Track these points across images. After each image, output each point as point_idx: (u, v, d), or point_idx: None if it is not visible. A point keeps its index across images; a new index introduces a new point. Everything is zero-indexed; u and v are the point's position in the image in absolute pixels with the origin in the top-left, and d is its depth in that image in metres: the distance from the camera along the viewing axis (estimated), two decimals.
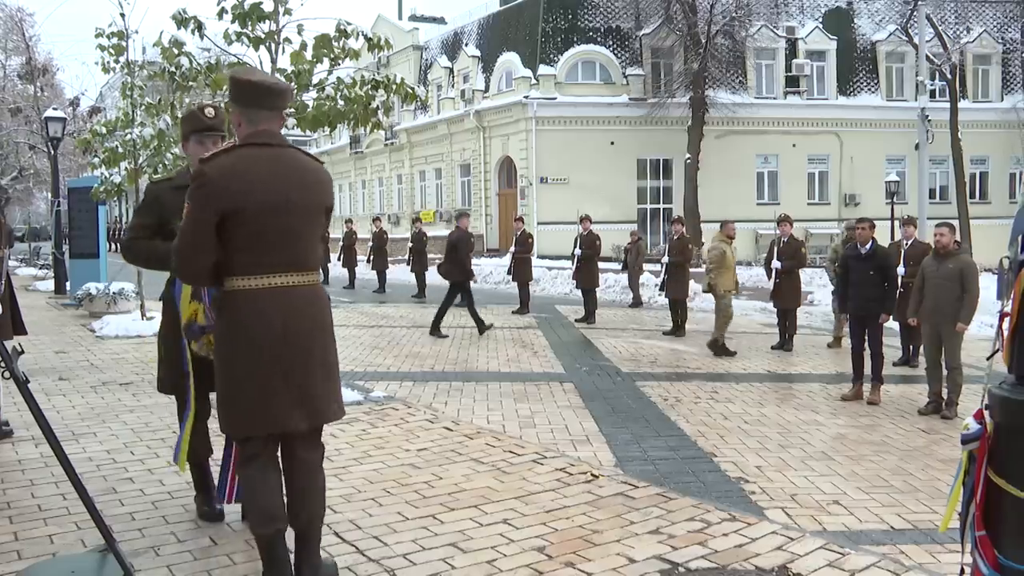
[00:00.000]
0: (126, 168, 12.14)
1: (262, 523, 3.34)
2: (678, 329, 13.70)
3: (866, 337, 8.81)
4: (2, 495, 4.81)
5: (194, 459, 4.36)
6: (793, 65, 34.99)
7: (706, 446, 6.71)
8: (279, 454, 3.48)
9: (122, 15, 10.95)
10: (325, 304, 3.50)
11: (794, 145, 34.73)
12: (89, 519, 3.32)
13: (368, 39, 7.99)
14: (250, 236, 3.25)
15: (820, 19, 36.21)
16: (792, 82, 35.14)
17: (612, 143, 32.93)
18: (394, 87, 8.16)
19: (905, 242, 10.85)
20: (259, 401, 3.29)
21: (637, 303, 18.57)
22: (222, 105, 7.68)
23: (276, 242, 3.29)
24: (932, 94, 29.38)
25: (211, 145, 4.31)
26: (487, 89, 35.89)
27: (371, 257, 21.75)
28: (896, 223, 20.12)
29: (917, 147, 22.28)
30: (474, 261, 20.44)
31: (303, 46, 7.80)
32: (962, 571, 2.74)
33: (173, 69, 7.85)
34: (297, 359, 3.32)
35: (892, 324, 9.95)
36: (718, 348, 11.58)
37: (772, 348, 12.34)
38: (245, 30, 7.60)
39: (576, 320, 15.16)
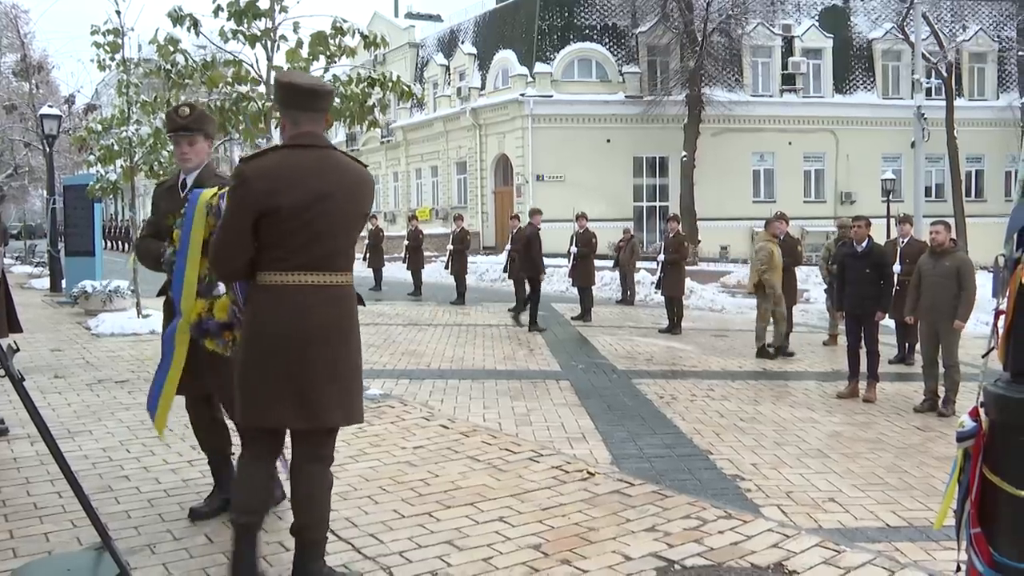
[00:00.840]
0: (122, 166, 12.11)
1: (234, 511, 3.50)
2: (674, 327, 13.69)
3: (862, 335, 8.83)
4: None
5: (218, 451, 4.49)
6: (789, 63, 35.04)
7: (702, 444, 6.71)
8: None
9: (118, 12, 10.92)
10: (349, 307, 3.44)
11: (790, 143, 34.78)
12: (85, 517, 3.31)
13: (364, 37, 7.98)
14: (283, 234, 3.27)
15: (816, 17, 36.25)
16: (788, 80, 35.20)
17: (608, 141, 32.96)
18: (390, 85, 8.15)
19: (901, 240, 10.87)
20: (256, 394, 3.32)
21: (628, 301, 18.58)
22: (218, 103, 7.74)
23: (307, 242, 3.29)
24: (928, 92, 29.46)
25: (186, 145, 4.30)
26: (483, 87, 35.89)
27: (367, 255, 21.74)
28: (892, 221, 20.14)
29: (913, 145, 22.32)
30: (471, 259, 20.59)
31: (299, 44, 7.79)
32: (958, 568, 2.75)
33: (169, 67, 7.83)
34: (299, 357, 3.29)
35: (888, 322, 9.97)
36: (779, 350, 11.40)
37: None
38: (241, 27, 7.58)
39: (572, 318, 15.16)
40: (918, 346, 9.62)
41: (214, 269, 3.54)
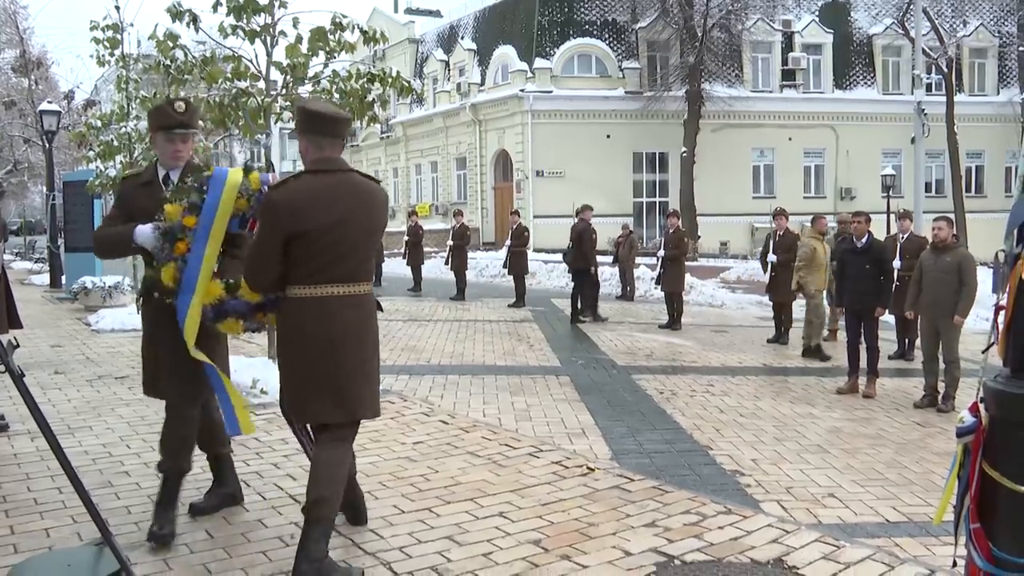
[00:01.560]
0: (121, 162, 12.10)
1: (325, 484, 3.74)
2: (674, 323, 13.70)
3: (862, 330, 8.83)
4: None
5: (207, 448, 4.39)
6: (789, 59, 35.00)
7: (702, 439, 6.72)
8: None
9: (117, 8, 10.90)
10: (369, 311, 3.82)
11: (790, 139, 34.76)
12: (85, 513, 3.31)
13: (364, 32, 7.96)
14: (312, 254, 3.62)
15: (816, 12, 36.21)
16: (788, 75, 35.16)
17: (608, 136, 32.93)
18: (390, 80, 8.14)
19: (901, 236, 10.87)
20: (299, 394, 3.70)
21: (628, 297, 18.58)
22: (218, 99, 7.73)
23: (334, 259, 3.65)
24: (928, 88, 29.42)
25: (180, 142, 4.13)
26: (483, 82, 35.85)
27: None
28: (892, 217, 20.14)
29: (913, 141, 22.28)
30: (471, 255, 20.59)
31: (299, 39, 7.77)
32: (955, 563, 2.76)
33: (168, 62, 7.81)
34: (331, 358, 3.65)
35: (888, 317, 9.97)
36: (813, 352, 11.06)
37: (768, 341, 12.36)
38: (240, 23, 7.57)
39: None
40: (918, 342, 9.62)
41: (249, 282, 3.79)
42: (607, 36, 34.09)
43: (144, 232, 3.96)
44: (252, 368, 7.30)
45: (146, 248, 3.99)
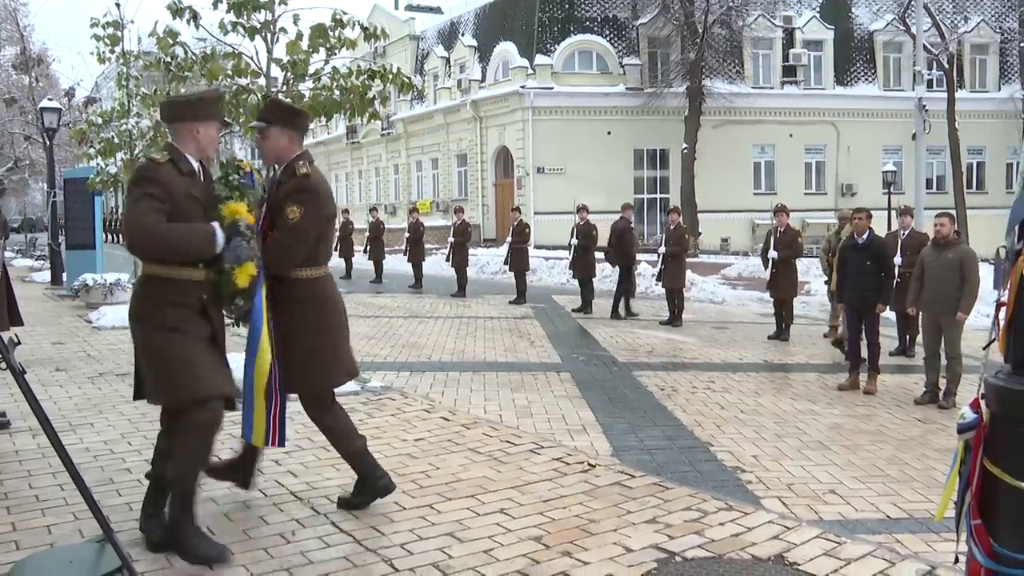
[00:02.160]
0: (122, 159, 12.11)
1: (356, 440, 4.40)
2: (675, 319, 13.70)
3: (863, 327, 8.83)
4: (0, 486, 4.81)
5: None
6: (790, 55, 34.96)
7: (703, 436, 6.72)
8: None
9: (117, 5, 10.89)
10: None
11: (791, 135, 34.73)
12: (87, 509, 3.32)
13: (364, 29, 7.96)
14: (330, 235, 4.30)
15: (817, 9, 36.16)
16: (789, 72, 35.13)
17: (609, 133, 32.91)
18: (390, 77, 8.14)
19: (902, 232, 10.86)
20: (344, 357, 4.33)
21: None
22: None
23: (331, 241, 4.38)
24: (929, 84, 29.34)
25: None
26: (484, 79, 35.83)
27: (368, 247, 21.74)
28: (893, 213, 20.13)
29: (914, 137, 22.25)
30: (472, 252, 20.59)
31: (299, 36, 7.77)
32: (956, 559, 2.76)
33: (168, 59, 7.82)
34: (346, 323, 4.40)
35: (888, 314, 9.96)
36: (841, 344, 11.20)
37: (769, 338, 12.36)
38: (240, 20, 7.57)
39: (573, 310, 15.16)
40: (919, 338, 9.61)
41: (282, 268, 4.09)
42: (608, 32, 34.06)
43: (220, 234, 3.71)
44: None
45: (214, 252, 3.71)
